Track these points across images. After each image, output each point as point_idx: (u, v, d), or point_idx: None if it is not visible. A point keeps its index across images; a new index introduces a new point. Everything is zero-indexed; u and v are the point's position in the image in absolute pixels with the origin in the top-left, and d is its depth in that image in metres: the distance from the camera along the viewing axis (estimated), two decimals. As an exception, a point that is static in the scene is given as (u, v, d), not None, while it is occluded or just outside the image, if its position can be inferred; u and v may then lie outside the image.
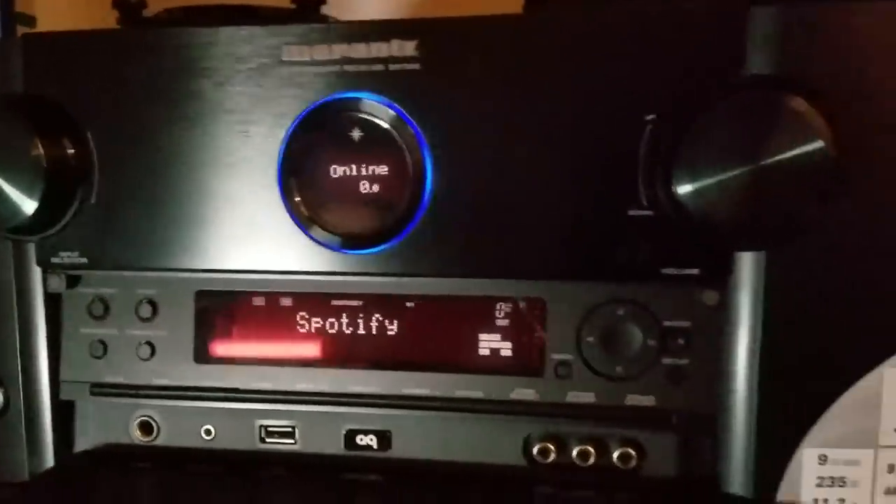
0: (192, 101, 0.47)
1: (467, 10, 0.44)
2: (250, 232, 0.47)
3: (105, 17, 0.62)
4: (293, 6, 0.64)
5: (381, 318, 0.49)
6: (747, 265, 0.42)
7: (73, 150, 0.48)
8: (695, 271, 0.43)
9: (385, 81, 0.44)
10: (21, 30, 0.85)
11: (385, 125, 0.44)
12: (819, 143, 0.38)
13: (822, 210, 0.40)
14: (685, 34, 0.42)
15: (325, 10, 0.54)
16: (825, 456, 0.43)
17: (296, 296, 0.50)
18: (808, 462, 0.43)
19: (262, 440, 0.51)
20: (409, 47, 0.44)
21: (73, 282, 0.51)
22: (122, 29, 0.48)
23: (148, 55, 0.47)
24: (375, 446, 0.50)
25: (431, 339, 0.48)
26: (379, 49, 0.44)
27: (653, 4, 0.42)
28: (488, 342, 0.48)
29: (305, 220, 0.46)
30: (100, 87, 0.48)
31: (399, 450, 0.50)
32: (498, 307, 0.48)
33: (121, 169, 0.48)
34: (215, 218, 0.47)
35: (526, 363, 0.47)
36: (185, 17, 0.58)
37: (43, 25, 0.89)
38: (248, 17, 0.63)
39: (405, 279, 0.47)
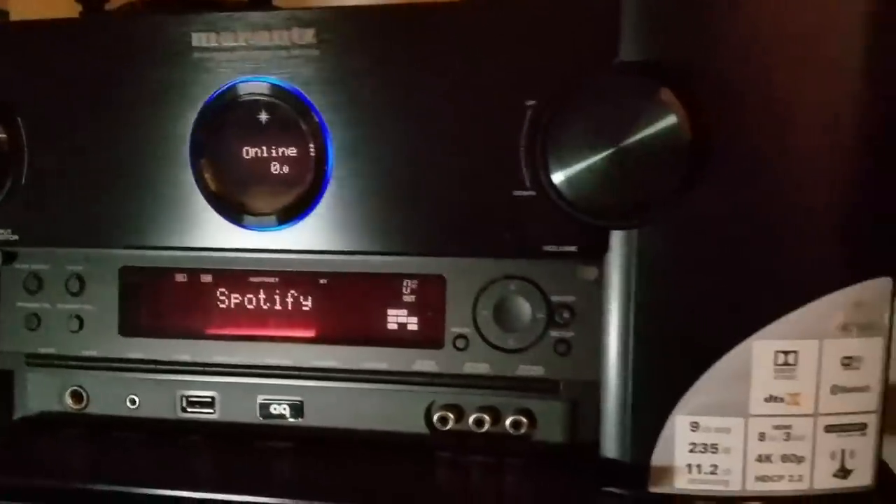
0: (112, 88, 0.49)
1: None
2: (168, 211, 0.50)
3: (76, 9, 0.65)
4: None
5: (295, 294, 0.52)
6: (621, 242, 0.44)
7: (4, 135, 0.51)
8: (573, 248, 0.45)
9: (287, 66, 0.47)
10: (-7, 23, 0.89)
11: (287, 107, 0.47)
12: (673, 124, 0.40)
13: (684, 189, 0.42)
14: (563, 23, 0.44)
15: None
16: (697, 423, 0.45)
17: (215, 272, 0.53)
18: (680, 429, 0.45)
19: (184, 410, 0.54)
20: (307, 35, 0.46)
21: (9, 258, 0.54)
22: (48, 21, 0.51)
23: (72, 45, 0.50)
24: (288, 415, 0.52)
25: (341, 314, 0.51)
26: (280, 36, 0.47)
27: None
28: (395, 317, 0.51)
29: (217, 199, 0.49)
30: (29, 76, 0.50)
31: (311, 418, 0.52)
32: (405, 284, 0.50)
33: (49, 152, 0.51)
34: (136, 198, 0.50)
35: (427, 336, 0.50)
36: (145, 8, 0.62)
37: (16, 18, 0.93)
38: (206, 6, 0.66)
39: (320, 257, 0.50)
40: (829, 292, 0.44)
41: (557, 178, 0.43)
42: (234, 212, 0.49)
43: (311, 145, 0.47)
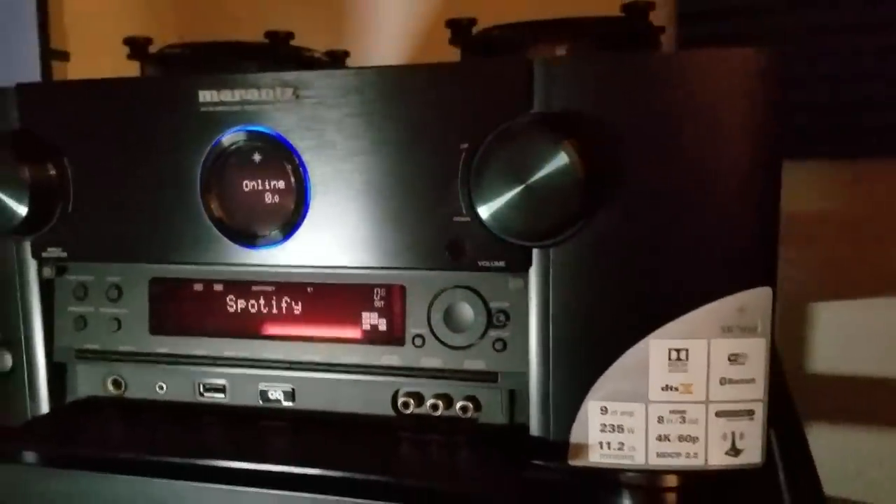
0: (138, 133, 0.61)
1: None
2: (186, 233, 0.61)
3: (125, 51, 0.77)
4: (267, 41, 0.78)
5: (288, 301, 0.63)
6: (540, 258, 0.54)
7: (54, 172, 0.63)
8: (502, 264, 0.55)
9: (273, 117, 0.58)
10: (56, 65, 1.02)
11: (273, 150, 0.58)
12: (566, 164, 0.50)
13: (584, 215, 0.52)
14: (490, 82, 0.54)
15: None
16: (606, 407, 0.54)
17: (225, 282, 0.64)
18: (592, 412, 0.55)
19: (201, 395, 0.65)
20: (287, 93, 0.57)
21: (60, 271, 0.66)
22: (86, 80, 0.63)
23: (105, 99, 0.62)
24: (283, 400, 0.63)
25: (325, 316, 0.62)
26: (267, 94, 0.58)
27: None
28: (368, 319, 0.61)
29: (222, 224, 0.60)
30: (72, 123, 0.62)
31: (302, 402, 0.63)
32: (375, 292, 0.61)
33: (91, 185, 0.63)
34: (161, 223, 0.61)
35: (392, 335, 0.60)
36: (182, 52, 0.74)
37: (76, 60, 1.06)
38: (233, 50, 0.78)
39: (308, 270, 0.61)
40: (716, 299, 0.53)
41: (482, 210, 0.53)
42: (237, 233, 0.60)
43: (293, 180, 0.58)
